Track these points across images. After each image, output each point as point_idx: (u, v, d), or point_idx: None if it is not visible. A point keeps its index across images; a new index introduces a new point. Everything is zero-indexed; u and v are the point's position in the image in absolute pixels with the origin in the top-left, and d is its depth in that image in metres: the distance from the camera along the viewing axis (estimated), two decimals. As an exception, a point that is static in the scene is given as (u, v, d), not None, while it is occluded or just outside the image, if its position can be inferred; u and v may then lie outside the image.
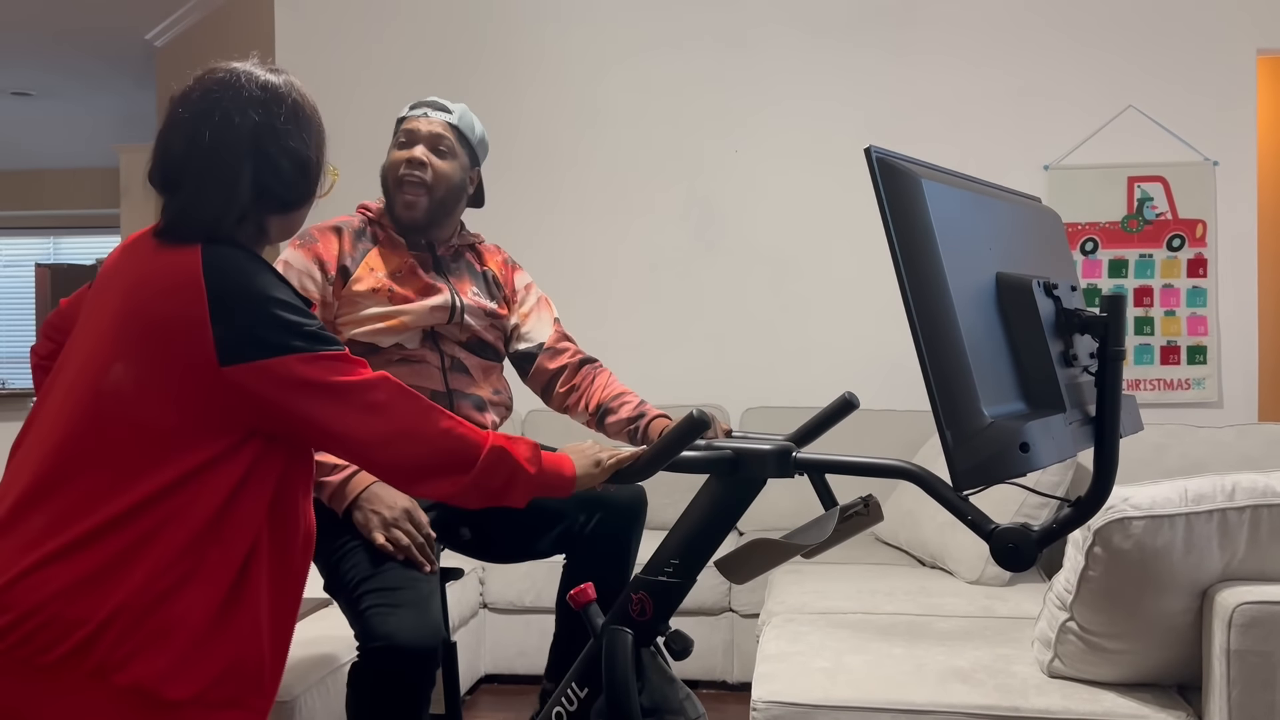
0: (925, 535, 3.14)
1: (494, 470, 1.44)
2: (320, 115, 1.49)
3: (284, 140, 1.40)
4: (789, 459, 1.54)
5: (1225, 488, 1.81)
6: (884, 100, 4.11)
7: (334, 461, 1.94)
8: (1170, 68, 3.98)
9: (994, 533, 1.25)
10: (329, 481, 1.94)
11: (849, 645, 2.24)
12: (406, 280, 2.14)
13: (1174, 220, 3.96)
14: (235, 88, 1.40)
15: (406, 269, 2.14)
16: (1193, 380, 3.95)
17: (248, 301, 1.32)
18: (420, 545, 1.92)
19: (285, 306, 1.34)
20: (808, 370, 4.13)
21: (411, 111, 2.21)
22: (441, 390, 2.13)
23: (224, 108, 1.39)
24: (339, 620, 2.56)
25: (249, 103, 1.39)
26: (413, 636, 1.81)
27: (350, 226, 2.17)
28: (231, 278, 1.33)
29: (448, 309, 2.15)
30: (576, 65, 4.26)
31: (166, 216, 1.39)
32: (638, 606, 1.64)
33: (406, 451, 1.39)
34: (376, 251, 2.15)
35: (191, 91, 1.41)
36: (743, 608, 3.43)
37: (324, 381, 1.34)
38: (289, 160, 1.41)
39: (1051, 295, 1.15)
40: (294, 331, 1.34)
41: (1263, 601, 1.74)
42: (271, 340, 1.32)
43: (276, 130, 1.40)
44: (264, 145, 1.39)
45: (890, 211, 1.04)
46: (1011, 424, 1.02)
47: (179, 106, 1.41)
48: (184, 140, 1.39)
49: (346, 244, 2.13)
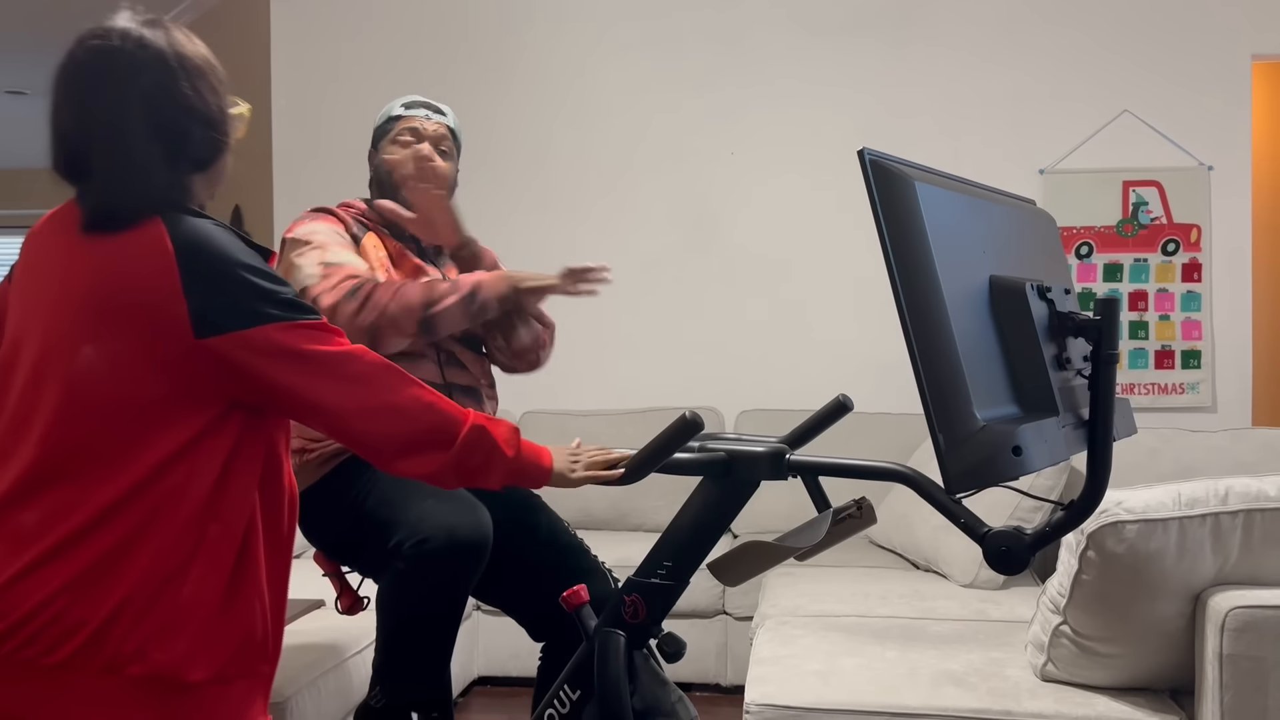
0: (919, 538, 3.14)
1: (474, 448, 1.40)
2: (211, 60, 1.39)
3: (177, 98, 1.32)
4: (782, 461, 1.54)
5: (1218, 492, 1.81)
6: (879, 103, 4.11)
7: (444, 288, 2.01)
8: (1166, 73, 3.99)
9: (987, 536, 1.25)
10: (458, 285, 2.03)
11: (842, 648, 2.24)
12: (400, 262, 2.16)
13: (1169, 225, 3.96)
14: (112, 55, 1.31)
15: (397, 252, 2.17)
16: (1187, 385, 3.95)
17: (220, 271, 1.28)
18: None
19: (258, 273, 1.30)
20: (802, 373, 4.13)
21: (410, 111, 2.22)
22: (439, 383, 2.13)
23: (106, 78, 1.31)
24: (332, 620, 2.56)
25: (129, 68, 1.31)
26: (471, 531, 1.85)
27: (348, 213, 2.20)
28: (201, 247, 1.28)
29: None
30: (571, 64, 4.26)
31: (87, 210, 1.31)
32: (631, 609, 1.63)
33: (388, 425, 1.35)
34: (371, 238, 2.17)
35: (69, 65, 1.32)
36: (736, 610, 3.43)
37: (303, 350, 1.31)
38: (191, 118, 1.34)
39: (1045, 298, 1.15)
40: (270, 299, 1.30)
41: (1255, 606, 1.73)
42: (247, 309, 1.28)
43: (165, 90, 1.32)
44: (157, 109, 1.31)
45: (883, 214, 1.04)
46: (1004, 427, 1.02)
47: (60, 84, 1.32)
48: (76, 122, 1.32)
49: (349, 222, 2.16)
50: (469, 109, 4.24)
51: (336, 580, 2.14)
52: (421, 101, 2.24)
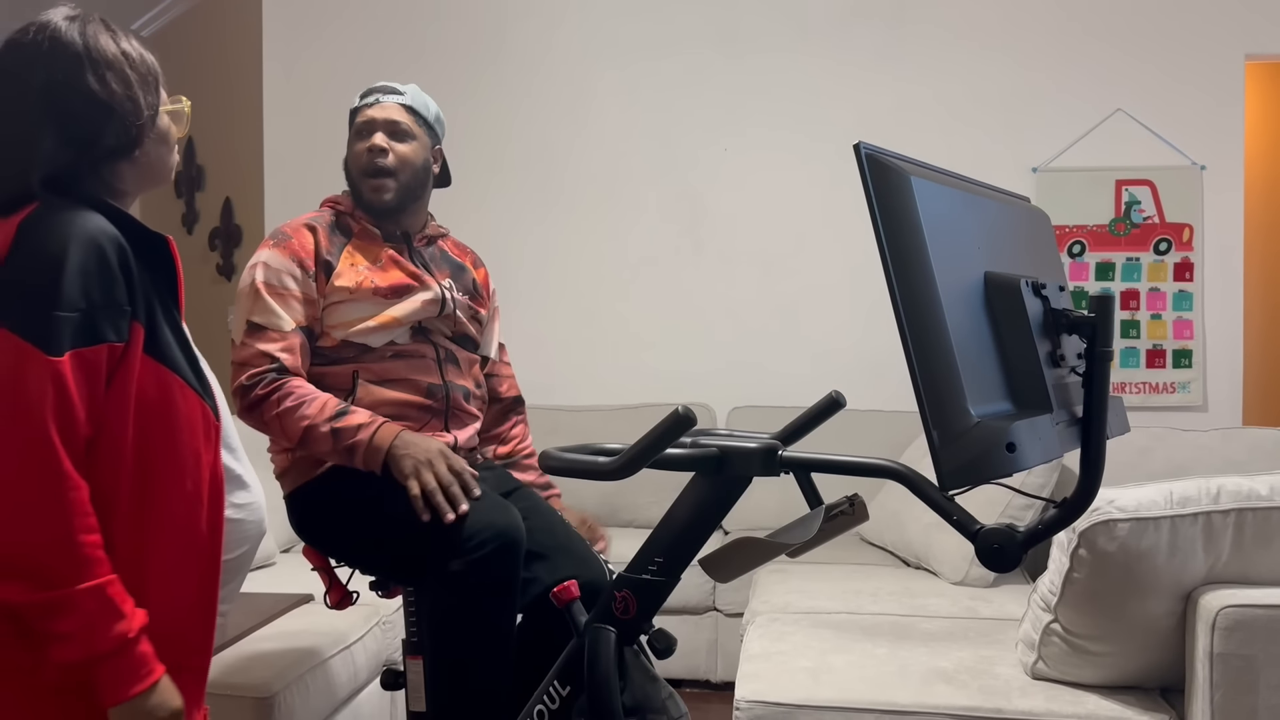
0: (910, 536, 3.14)
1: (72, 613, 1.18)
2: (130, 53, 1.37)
3: (80, 88, 1.31)
4: (775, 457, 1.53)
5: (1210, 491, 1.81)
6: (873, 101, 4.11)
7: (356, 422, 1.90)
8: (1159, 72, 3.99)
9: (979, 533, 1.24)
10: (358, 442, 1.89)
11: (833, 645, 2.24)
12: (389, 269, 2.10)
13: (1161, 224, 3.97)
14: (20, 48, 1.33)
15: (386, 259, 2.11)
16: (1178, 384, 3.96)
17: (24, 260, 1.23)
18: (450, 484, 1.85)
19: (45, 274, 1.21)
20: (795, 369, 4.13)
21: (364, 100, 2.17)
22: (438, 382, 2.11)
23: (9, 71, 1.32)
24: (321, 615, 2.55)
25: (34, 59, 1.31)
26: (514, 528, 1.84)
27: (323, 222, 2.13)
28: (32, 233, 1.24)
29: (438, 302, 2.13)
30: (567, 62, 4.25)
31: None
32: (621, 605, 1.63)
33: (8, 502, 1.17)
34: (353, 245, 2.12)
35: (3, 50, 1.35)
36: (727, 607, 3.42)
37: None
38: (90, 108, 1.31)
39: (1040, 295, 1.14)
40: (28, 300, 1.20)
41: (1246, 605, 1.74)
42: (7, 307, 1.21)
43: (68, 80, 1.31)
44: (59, 98, 1.30)
45: (879, 208, 1.03)
46: (998, 424, 1.01)
47: None
48: None
49: (323, 240, 2.08)
50: (463, 106, 4.23)
51: (325, 575, 2.13)
52: (376, 88, 2.19)
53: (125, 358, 1.26)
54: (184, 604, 1.32)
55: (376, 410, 2.03)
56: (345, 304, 2.06)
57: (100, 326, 1.23)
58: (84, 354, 1.22)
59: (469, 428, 2.17)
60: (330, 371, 2.06)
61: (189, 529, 1.33)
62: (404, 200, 2.14)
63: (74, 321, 1.21)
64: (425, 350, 2.12)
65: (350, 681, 2.47)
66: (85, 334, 1.22)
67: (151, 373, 1.29)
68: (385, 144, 2.11)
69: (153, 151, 1.39)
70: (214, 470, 1.36)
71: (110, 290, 1.25)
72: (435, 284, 2.15)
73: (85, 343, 1.22)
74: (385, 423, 1.92)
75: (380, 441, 1.88)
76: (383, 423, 1.91)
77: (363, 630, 2.58)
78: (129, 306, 1.27)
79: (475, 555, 1.82)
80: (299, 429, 1.91)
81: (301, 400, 1.93)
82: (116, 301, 1.25)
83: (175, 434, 1.31)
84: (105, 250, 1.25)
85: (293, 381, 1.95)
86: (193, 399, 1.33)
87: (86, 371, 1.22)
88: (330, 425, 1.90)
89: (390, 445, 1.88)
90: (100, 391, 1.24)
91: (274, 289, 2.01)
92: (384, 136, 2.12)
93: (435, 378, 2.11)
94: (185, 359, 1.34)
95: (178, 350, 1.33)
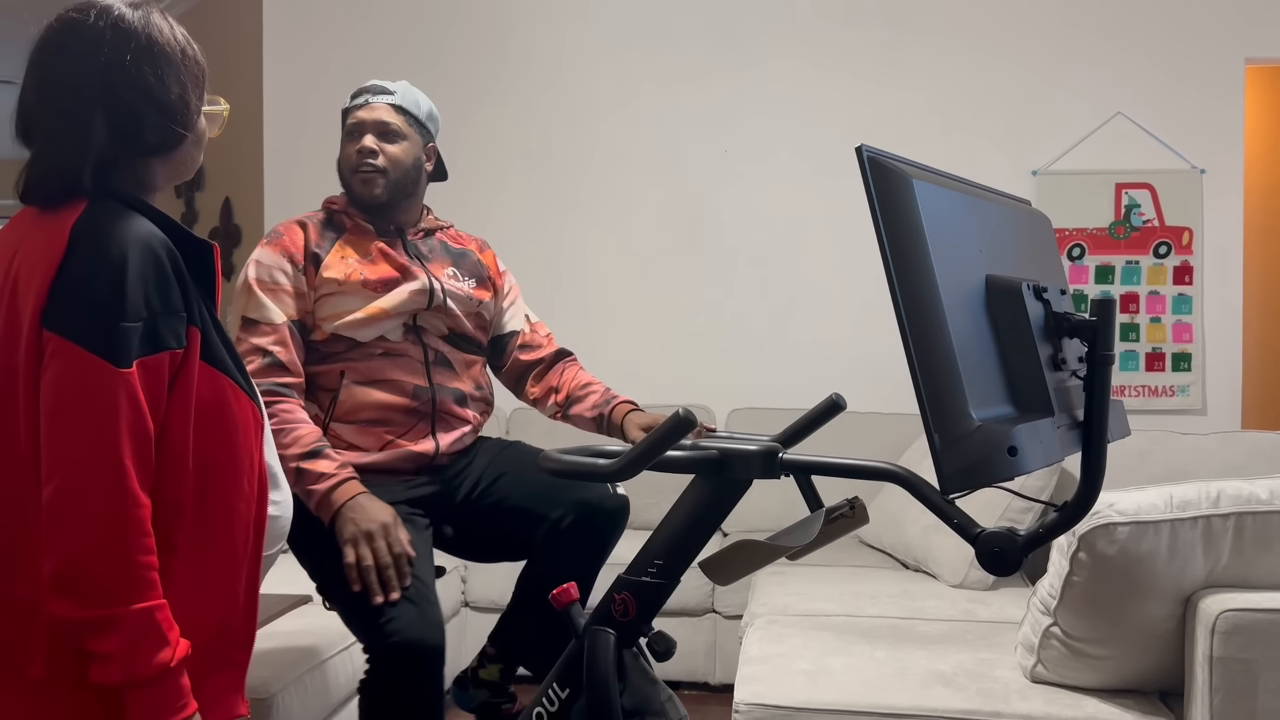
0: (909, 538, 3.14)
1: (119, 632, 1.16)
2: (188, 51, 1.36)
3: (136, 81, 1.30)
4: (775, 460, 1.53)
5: (1210, 494, 1.81)
6: (873, 103, 4.11)
7: (320, 470, 1.92)
8: (1159, 76, 3.99)
9: (979, 536, 1.24)
10: (315, 490, 1.91)
11: (832, 648, 2.24)
12: (378, 261, 2.11)
13: (1161, 227, 3.97)
14: (82, 29, 1.30)
15: (376, 252, 2.12)
16: (1177, 387, 3.96)
17: (87, 267, 1.22)
18: (386, 566, 1.85)
19: (109, 284, 1.20)
20: (794, 371, 4.13)
21: (354, 101, 2.18)
22: (424, 384, 2.12)
23: (71, 51, 1.30)
24: (318, 616, 2.54)
25: (96, 44, 1.29)
26: (416, 633, 1.83)
27: (315, 219, 2.15)
28: (88, 239, 1.23)
29: (426, 292, 2.13)
30: (566, 62, 4.25)
31: (27, 175, 1.31)
32: (620, 607, 1.62)
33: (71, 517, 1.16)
34: (345, 240, 2.13)
35: (44, 35, 1.33)
36: (726, 609, 3.42)
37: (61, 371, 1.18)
38: (143, 102, 1.30)
39: (1041, 298, 1.14)
40: (92, 313, 1.19)
41: (1246, 609, 1.73)
42: (71, 311, 1.20)
43: (126, 71, 1.29)
44: (114, 88, 1.29)
45: (881, 211, 1.03)
46: (999, 427, 1.01)
47: (34, 52, 1.33)
48: (35, 89, 1.32)
49: (313, 234, 2.11)
50: (462, 106, 4.23)
51: (323, 576, 2.13)
52: (366, 88, 2.19)
53: (185, 363, 1.27)
54: (236, 601, 1.33)
55: (360, 414, 2.05)
56: (334, 296, 2.07)
57: (162, 334, 1.23)
58: (148, 362, 1.22)
59: (457, 431, 2.17)
60: (320, 371, 2.07)
61: (243, 527, 1.34)
62: (395, 196, 2.15)
63: (138, 331, 1.21)
64: (413, 351, 2.12)
65: (349, 683, 2.46)
66: (149, 342, 1.22)
67: (206, 376, 1.30)
68: (375, 145, 2.12)
69: (189, 150, 1.39)
70: (261, 469, 1.38)
71: (168, 296, 1.25)
72: (424, 274, 2.14)
73: (149, 351, 1.22)
74: (347, 480, 1.92)
75: (335, 499, 1.89)
76: (345, 479, 1.92)
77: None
78: (184, 312, 1.27)
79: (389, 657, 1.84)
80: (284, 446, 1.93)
81: (282, 427, 1.94)
82: (175, 308, 1.25)
83: (232, 435, 1.31)
84: (160, 256, 1.25)
85: (284, 404, 1.97)
86: (244, 399, 1.34)
87: (151, 380, 1.22)
88: (298, 464, 1.91)
89: (341, 506, 1.89)
90: (163, 398, 1.24)
91: (265, 285, 2.04)
92: (373, 138, 2.13)
93: (421, 379, 2.11)
94: (230, 356, 1.35)
95: (225, 351, 1.34)
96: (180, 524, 1.26)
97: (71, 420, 1.18)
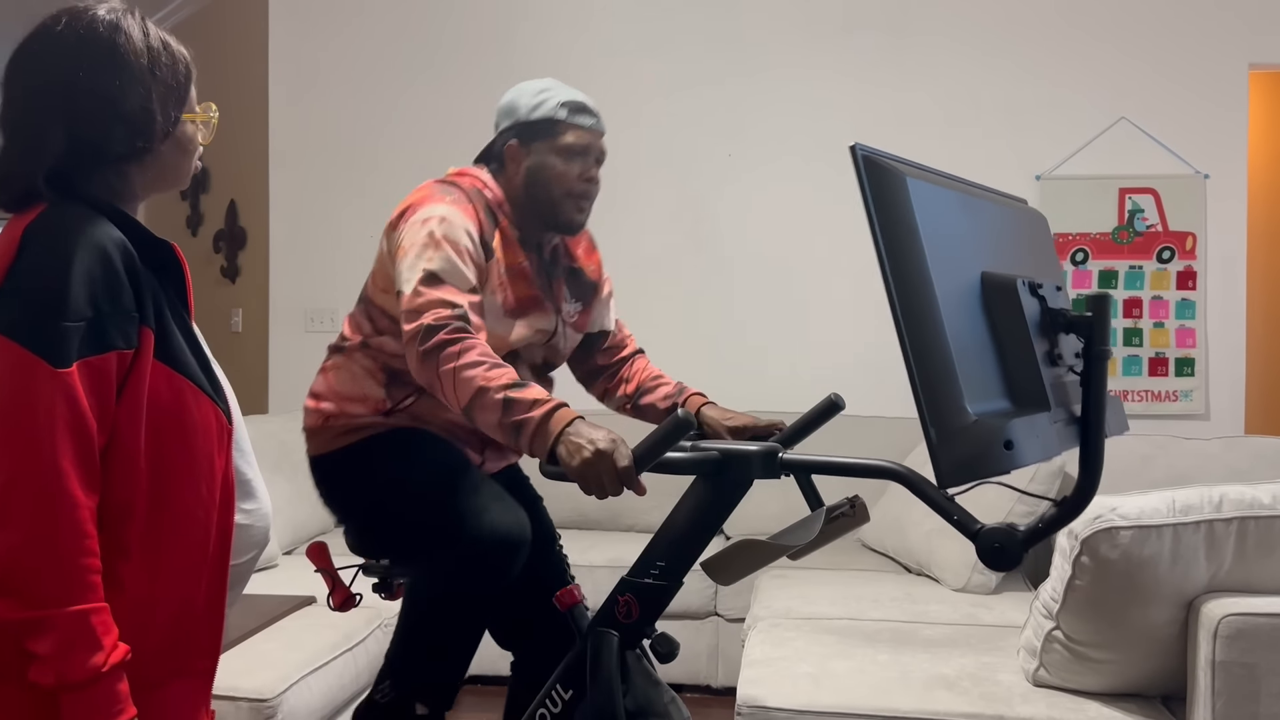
0: (912, 542, 3.14)
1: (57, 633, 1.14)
2: (161, 59, 1.34)
3: (95, 90, 1.28)
4: (775, 460, 1.54)
5: (1213, 499, 1.81)
6: (876, 107, 4.12)
7: (533, 396, 1.68)
8: (1163, 81, 3.99)
9: (980, 533, 1.25)
10: (528, 419, 1.66)
11: (834, 651, 2.24)
12: (518, 280, 1.97)
13: (1164, 232, 3.97)
14: (50, 37, 1.30)
15: (518, 271, 1.98)
16: (1180, 392, 3.96)
17: (29, 268, 1.20)
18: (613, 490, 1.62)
19: (52, 280, 1.19)
20: (797, 373, 4.13)
21: (577, 119, 2.03)
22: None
23: (38, 58, 1.30)
24: (323, 617, 2.55)
25: (60, 53, 1.29)
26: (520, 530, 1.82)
27: (481, 198, 1.97)
28: (38, 239, 1.22)
29: (547, 334, 2.03)
30: (569, 65, 4.26)
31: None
32: (624, 609, 1.63)
33: (6, 517, 1.15)
34: (499, 239, 1.97)
35: (21, 42, 1.32)
36: (728, 612, 3.42)
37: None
38: (102, 111, 1.28)
39: (1036, 295, 1.14)
40: (31, 309, 1.18)
41: (1248, 613, 1.73)
42: (11, 317, 1.19)
43: (86, 80, 1.28)
44: (73, 97, 1.27)
45: (875, 208, 1.04)
46: (996, 421, 1.01)
47: (10, 56, 1.32)
48: (4, 94, 1.31)
49: (485, 221, 1.94)
50: (465, 107, 4.24)
51: (329, 576, 2.13)
52: (587, 107, 2.05)
53: (136, 364, 1.25)
54: (193, 607, 1.32)
55: (425, 420, 1.96)
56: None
57: (109, 334, 1.22)
58: (92, 363, 1.20)
59: (507, 459, 2.11)
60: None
61: (201, 533, 1.31)
62: None
63: (81, 330, 1.19)
64: None
65: (353, 683, 2.47)
66: (93, 342, 1.20)
67: (164, 378, 1.27)
68: (598, 176, 2.03)
69: (168, 158, 1.36)
70: (225, 475, 1.35)
71: (118, 296, 1.23)
72: (551, 310, 2.03)
73: (94, 351, 1.20)
74: (559, 406, 1.69)
75: (553, 425, 1.65)
76: (556, 405, 1.69)
77: (365, 633, 2.58)
78: (137, 312, 1.25)
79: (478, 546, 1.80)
80: (472, 388, 1.72)
81: (482, 360, 1.74)
82: (124, 308, 1.23)
83: (189, 439, 1.29)
84: (111, 256, 1.24)
85: (478, 338, 1.78)
86: (205, 403, 1.31)
87: (96, 380, 1.21)
88: (505, 393, 1.70)
89: (560, 432, 1.65)
90: (111, 399, 1.23)
91: (454, 243, 1.85)
92: (597, 167, 2.03)
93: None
94: (198, 362, 1.33)
95: (189, 354, 1.31)
96: (131, 527, 1.24)
97: (8, 420, 1.17)
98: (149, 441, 1.26)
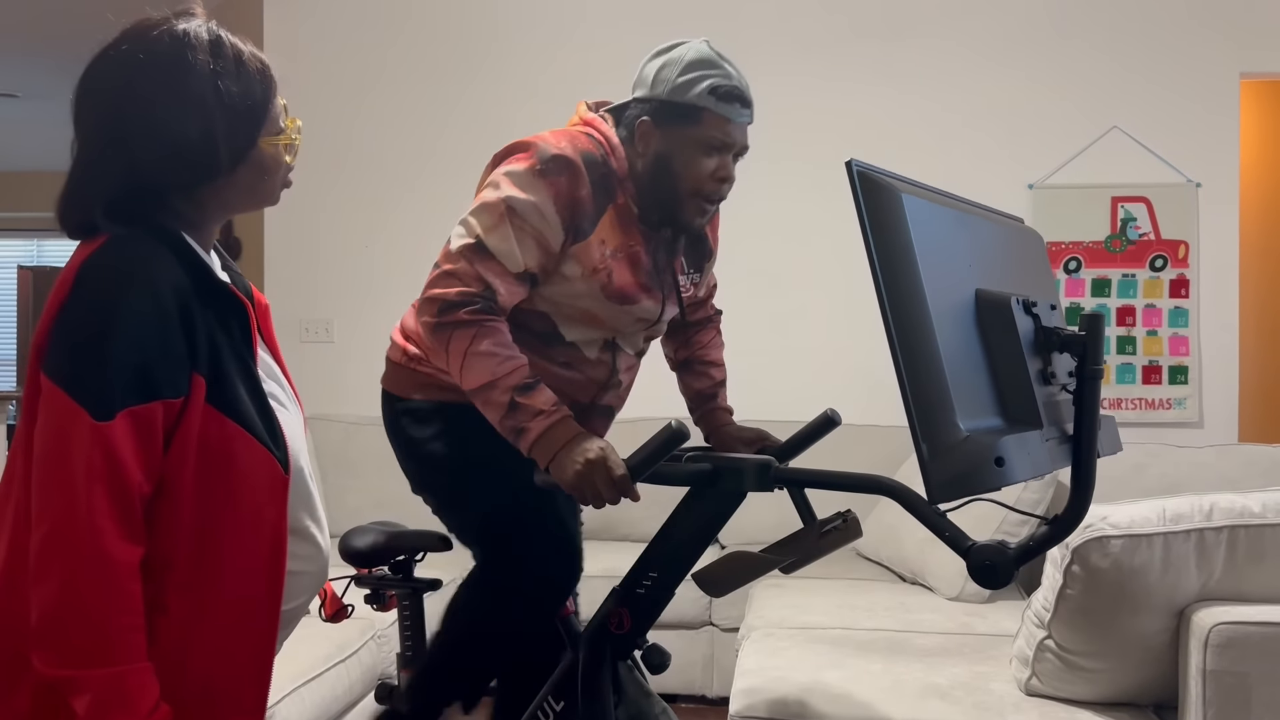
0: (906, 551, 3.14)
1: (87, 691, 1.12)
2: (231, 79, 1.26)
3: (153, 121, 1.22)
4: (768, 472, 1.54)
5: (1203, 508, 1.82)
6: (869, 118, 4.12)
7: (540, 405, 1.65)
8: (1155, 90, 4.01)
9: (971, 549, 1.25)
10: (529, 428, 1.65)
11: (828, 660, 2.24)
12: (626, 267, 1.81)
13: (1157, 241, 3.98)
14: (112, 60, 1.25)
15: (630, 255, 1.82)
16: (1173, 400, 3.97)
17: (78, 309, 1.18)
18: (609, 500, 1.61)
19: (97, 321, 1.16)
20: (790, 384, 4.13)
21: (724, 109, 1.85)
22: (586, 403, 1.90)
23: (99, 79, 1.25)
24: (315, 628, 2.54)
25: (119, 76, 1.24)
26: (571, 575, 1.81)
27: (596, 169, 1.79)
28: (89, 277, 1.18)
29: (649, 321, 1.90)
30: (565, 75, 4.27)
31: (56, 205, 1.27)
32: (616, 619, 1.63)
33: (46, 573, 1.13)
34: (611, 216, 1.81)
35: (88, 65, 1.27)
36: (722, 621, 3.42)
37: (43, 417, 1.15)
38: (159, 141, 1.22)
39: (1030, 313, 1.15)
40: (74, 354, 1.16)
41: (1239, 622, 1.74)
42: (58, 362, 1.17)
43: (143, 109, 1.23)
44: (129, 126, 1.23)
45: (869, 225, 1.04)
46: (987, 438, 1.02)
47: (80, 77, 1.27)
48: (73, 115, 1.27)
49: (587, 196, 1.77)
50: (461, 111, 4.25)
51: (320, 589, 2.13)
52: (741, 95, 1.85)
53: (185, 412, 1.20)
54: (238, 663, 1.26)
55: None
56: (571, 280, 1.80)
57: (156, 381, 1.17)
58: (137, 412, 1.15)
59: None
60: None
61: (245, 588, 1.26)
62: None
63: (126, 379, 1.15)
64: (596, 373, 1.89)
65: (346, 694, 2.46)
66: (139, 391, 1.16)
67: (215, 425, 1.22)
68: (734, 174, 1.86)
69: (244, 180, 1.29)
70: (276, 528, 1.27)
71: (167, 342, 1.18)
72: (660, 297, 1.88)
73: (139, 400, 1.16)
74: (563, 418, 1.66)
75: (555, 437, 1.63)
76: (561, 417, 1.65)
77: (358, 644, 2.58)
78: (189, 358, 1.20)
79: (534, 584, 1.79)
80: (480, 379, 1.67)
81: (497, 351, 1.68)
82: (174, 353, 1.18)
83: (237, 491, 1.23)
84: (163, 298, 1.18)
85: (500, 324, 1.71)
86: (259, 452, 1.25)
87: (141, 430, 1.16)
88: (512, 395, 1.65)
89: (562, 446, 1.63)
90: (157, 448, 1.18)
91: (518, 221, 1.73)
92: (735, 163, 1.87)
93: (584, 398, 1.89)
94: (257, 408, 1.26)
95: (247, 400, 1.25)
96: (170, 580, 1.20)
97: (49, 472, 1.14)
98: (194, 491, 1.21)
